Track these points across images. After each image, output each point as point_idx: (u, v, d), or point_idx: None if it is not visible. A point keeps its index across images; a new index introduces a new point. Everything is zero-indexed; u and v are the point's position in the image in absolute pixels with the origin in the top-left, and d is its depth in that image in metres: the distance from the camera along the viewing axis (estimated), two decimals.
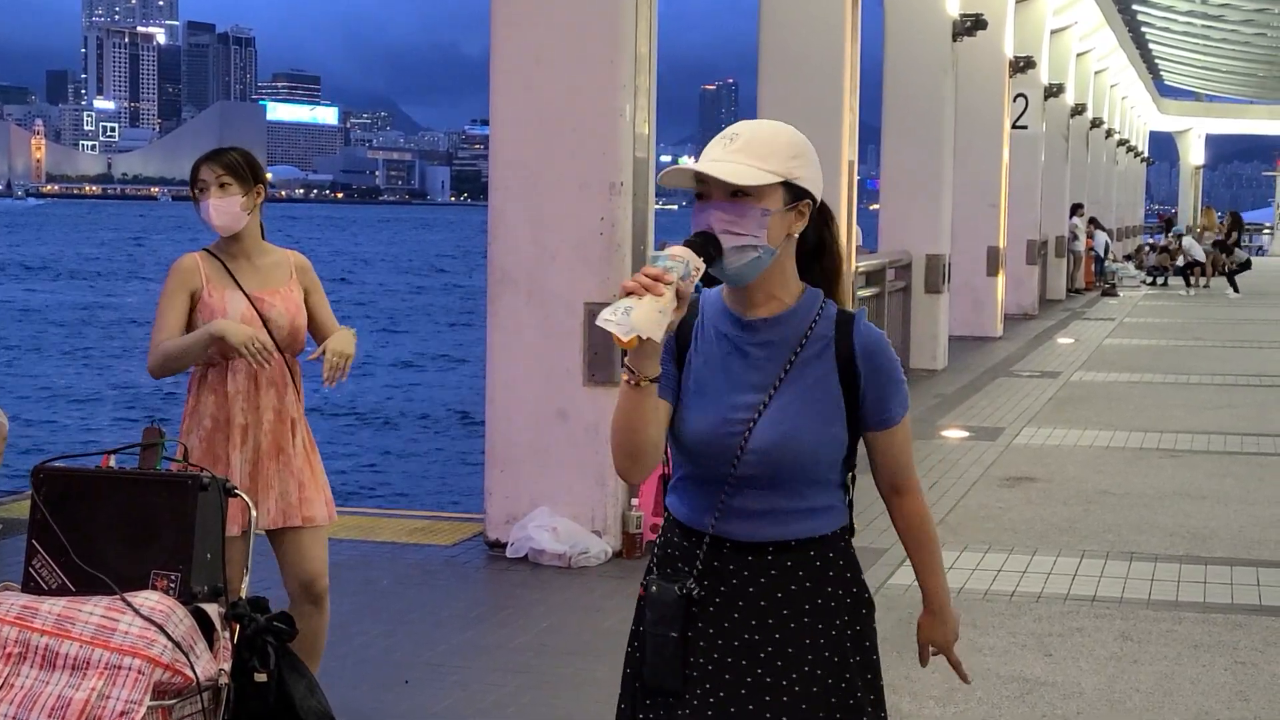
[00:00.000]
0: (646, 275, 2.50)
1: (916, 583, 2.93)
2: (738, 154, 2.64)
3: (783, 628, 2.71)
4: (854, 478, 2.83)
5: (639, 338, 2.49)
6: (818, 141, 2.83)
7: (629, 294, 2.50)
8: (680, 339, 2.76)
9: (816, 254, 2.79)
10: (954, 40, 15.39)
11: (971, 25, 15.46)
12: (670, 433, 2.75)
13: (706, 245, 2.62)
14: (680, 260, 2.55)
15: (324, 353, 4.50)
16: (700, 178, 2.64)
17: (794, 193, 2.67)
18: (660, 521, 8.17)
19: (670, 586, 2.72)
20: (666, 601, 2.72)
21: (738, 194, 2.63)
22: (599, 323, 2.49)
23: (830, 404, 2.71)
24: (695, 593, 2.71)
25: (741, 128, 2.70)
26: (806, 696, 2.69)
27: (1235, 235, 31.08)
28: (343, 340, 4.56)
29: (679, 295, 2.53)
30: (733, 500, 2.71)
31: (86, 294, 53.25)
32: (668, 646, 2.72)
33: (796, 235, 2.71)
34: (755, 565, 2.72)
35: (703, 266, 2.60)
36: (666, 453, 2.79)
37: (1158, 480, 9.40)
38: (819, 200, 2.73)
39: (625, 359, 2.59)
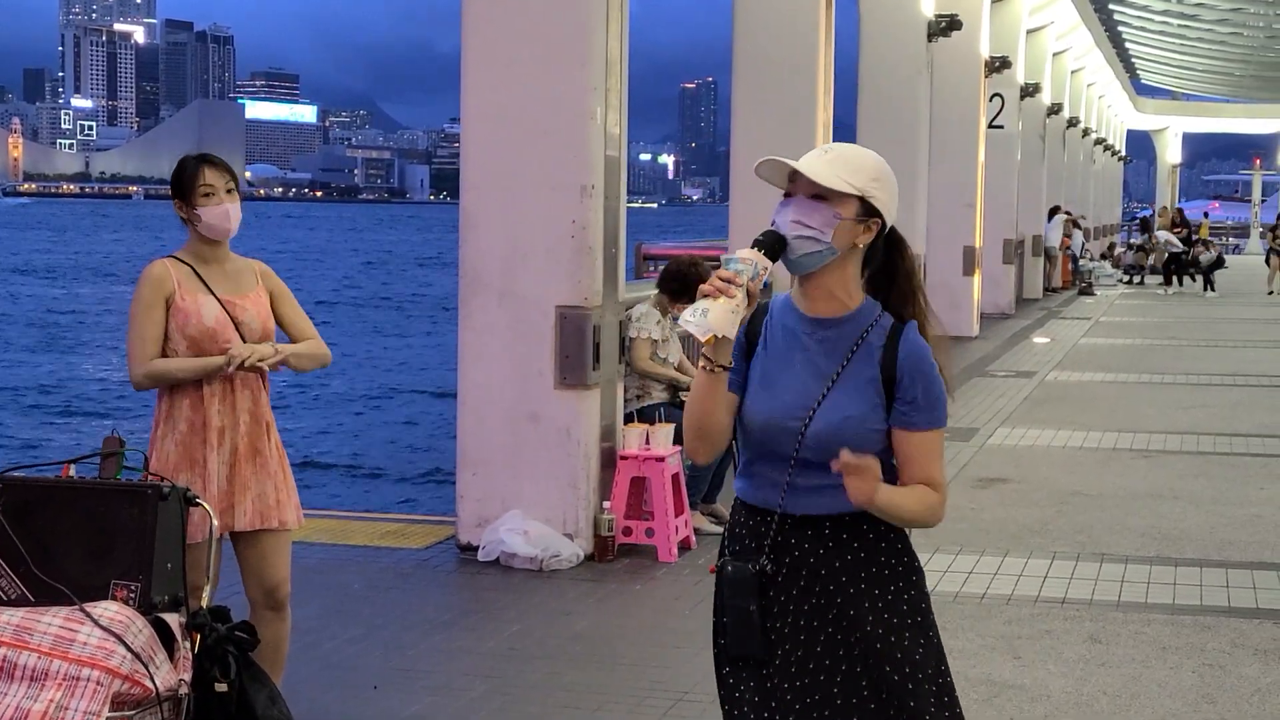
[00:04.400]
0: (720, 279, 2.82)
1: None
2: (830, 163, 2.97)
3: (843, 592, 2.98)
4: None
5: (715, 336, 2.80)
6: (792, 141, 2.97)
7: (705, 296, 2.81)
8: (750, 337, 3.06)
9: (887, 277, 3.08)
10: (929, 40, 15.43)
11: (947, 25, 15.51)
12: (738, 421, 3.03)
13: (773, 244, 2.91)
14: (749, 263, 2.83)
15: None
16: (791, 176, 2.96)
17: (867, 209, 2.98)
18: (632, 524, 8.11)
19: (744, 565, 3.00)
20: (742, 579, 3.00)
21: (817, 196, 2.94)
22: (680, 322, 2.78)
23: (874, 401, 2.99)
24: (768, 568, 2.99)
25: (837, 145, 3.05)
26: (870, 654, 2.97)
27: (1186, 232, 30.97)
28: (293, 348, 4.61)
29: (749, 294, 2.84)
30: (796, 480, 2.97)
31: (46, 292, 52.89)
32: (749, 618, 3.00)
33: (862, 247, 3.00)
34: (815, 538, 2.99)
35: (770, 265, 2.88)
36: (735, 444, 3.07)
37: (1130, 481, 9.43)
38: (889, 225, 3.04)
39: (702, 349, 2.88)
